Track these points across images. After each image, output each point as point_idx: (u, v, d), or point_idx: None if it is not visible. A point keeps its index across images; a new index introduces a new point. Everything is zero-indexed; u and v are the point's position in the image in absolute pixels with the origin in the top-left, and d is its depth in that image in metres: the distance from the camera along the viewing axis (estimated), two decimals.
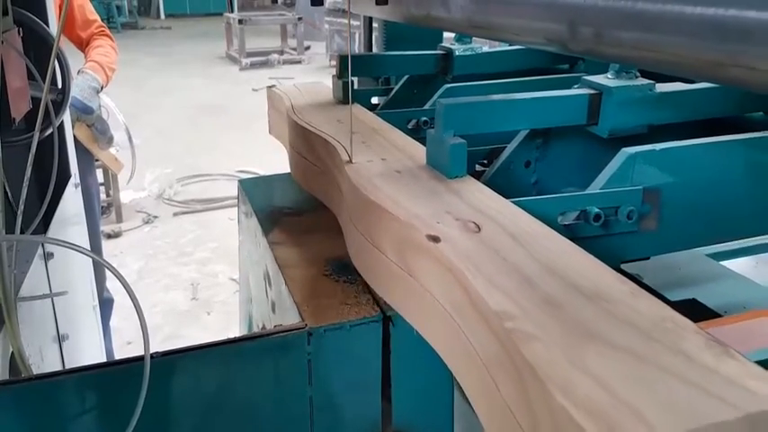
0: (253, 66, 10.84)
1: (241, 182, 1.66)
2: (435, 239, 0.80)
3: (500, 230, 0.84)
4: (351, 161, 1.08)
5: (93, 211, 2.66)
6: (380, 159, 1.12)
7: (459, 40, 1.75)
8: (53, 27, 1.67)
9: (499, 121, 1.12)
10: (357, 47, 6.71)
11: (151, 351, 0.84)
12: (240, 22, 10.99)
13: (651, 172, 0.99)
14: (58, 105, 1.53)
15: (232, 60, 11.53)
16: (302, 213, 1.44)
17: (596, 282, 0.71)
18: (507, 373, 0.62)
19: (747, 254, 1.55)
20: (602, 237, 0.97)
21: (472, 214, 0.89)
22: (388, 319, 0.99)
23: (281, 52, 11.71)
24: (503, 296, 0.68)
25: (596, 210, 0.94)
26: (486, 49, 1.78)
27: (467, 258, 0.75)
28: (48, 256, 1.57)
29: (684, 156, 1.01)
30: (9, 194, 1.26)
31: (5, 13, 1.24)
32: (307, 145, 1.35)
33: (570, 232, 0.94)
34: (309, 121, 1.36)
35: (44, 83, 1.25)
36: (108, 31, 2.74)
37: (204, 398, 0.94)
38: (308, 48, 11.81)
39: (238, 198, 1.70)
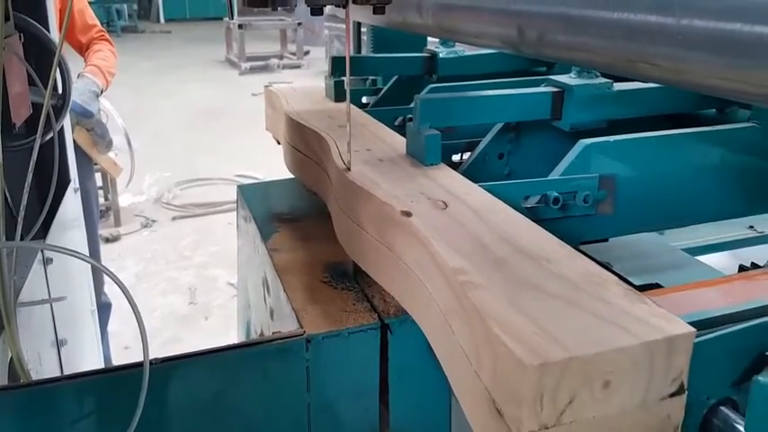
0: (252, 70, 10.85)
1: (240, 187, 1.67)
2: (408, 214, 0.91)
3: (465, 208, 0.94)
4: (349, 169, 1.09)
5: (92, 215, 2.66)
6: (366, 150, 1.21)
7: (443, 43, 1.83)
8: (53, 32, 1.68)
9: (470, 115, 1.23)
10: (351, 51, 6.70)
11: (150, 357, 0.85)
12: (240, 26, 11.00)
13: (606, 161, 1.08)
14: (59, 110, 1.54)
15: (232, 65, 11.55)
16: (301, 219, 1.45)
17: (540, 246, 0.82)
18: (459, 317, 0.73)
19: (725, 248, 1.63)
20: (562, 219, 1.06)
21: (442, 195, 0.99)
22: (386, 326, 1.00)
23: (281, 57, 11.72)
24: (460, 257, 0.78)
25: (555, 194, 1.04)
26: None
27: (433, 229, 0.86)
28: (47, 261, 1.57)
29: (637, 147, 1.10)
30: (9, 200, 1.27)
31: (7, 18, 1.25)
32: (300, 138, 1.42)
33: (533, 214, 1.02)
34: (303, 117, 1.45)
35: (45, 88, 1.26)
36: (108, 36, 2.75)
37: (203, 404, 0.94)
38: (307, 53, 11.83)
39: (237, 203, 1.71)
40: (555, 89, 1.25)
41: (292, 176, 1.57)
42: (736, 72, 0.58)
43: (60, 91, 1.56)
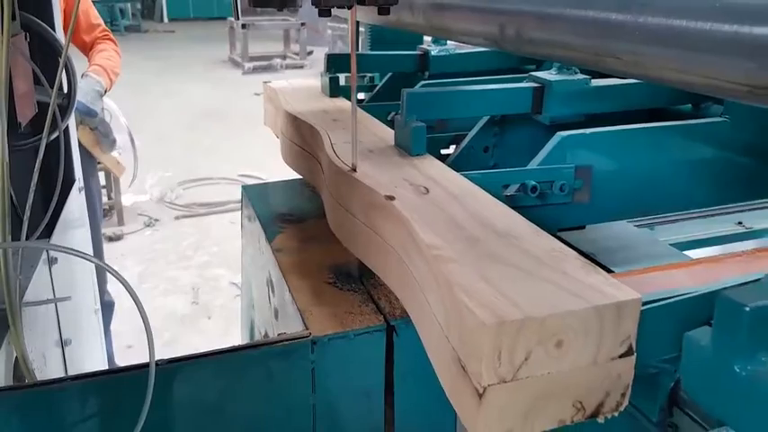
0: (255, 70, 10.85)
1: (245, 188, 1.68)
2: (391, 198, 0.97)
3: (445, 193, 1.00)
4: (355, 170, 1.09)
5: (95, 214, 2.67)
6: (357, 141, 1.23)
7: (435, 42, 1.89)
8: (59, 32, 1.68)
9: (455, 109, 1.29)
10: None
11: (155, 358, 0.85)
12: (243, 26, 10.99)
13: (582, 152, 1.13)
14: (64, 110, 1.54)
15: (235, 65, 11.55)
16: (305, 220, 1.45)
17: (510, 226, 0.89)
18: (432, 289, 0.79)
19: (714, 244, 1.65)
20: (540, 206, 1.12)
21: (425, 181, 1.05)
22: (391, 328, 1.00)
23: (284, 57, 11.72)
24: (435, 235, 0.84)
25: (533, 183, 1.10)
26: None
27: (413, 210, 0.92)
28: (52, 261, 1.57)
29: (611, 139, 1.16)
30: (14, 199, 1.27)
31: (13, 17, 1.25)
32: (296, 132, 1.48)
33: (512, 202, 1.07)
34: (299, 112, 1.50)
35: (51, 88, 1.26)
36: (111, 36, 2.75)
37: (208, 405, 0.94)
38: (310, 53, 11.82)
39: (242, 203, 1.72)
40: (536, 85, 1.30)
41: (296, 177, 1.57)
42: (685, 65, 0.63)
43: (66, 90, 1.56)
